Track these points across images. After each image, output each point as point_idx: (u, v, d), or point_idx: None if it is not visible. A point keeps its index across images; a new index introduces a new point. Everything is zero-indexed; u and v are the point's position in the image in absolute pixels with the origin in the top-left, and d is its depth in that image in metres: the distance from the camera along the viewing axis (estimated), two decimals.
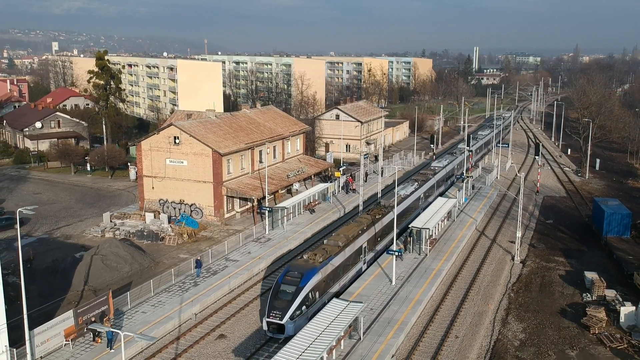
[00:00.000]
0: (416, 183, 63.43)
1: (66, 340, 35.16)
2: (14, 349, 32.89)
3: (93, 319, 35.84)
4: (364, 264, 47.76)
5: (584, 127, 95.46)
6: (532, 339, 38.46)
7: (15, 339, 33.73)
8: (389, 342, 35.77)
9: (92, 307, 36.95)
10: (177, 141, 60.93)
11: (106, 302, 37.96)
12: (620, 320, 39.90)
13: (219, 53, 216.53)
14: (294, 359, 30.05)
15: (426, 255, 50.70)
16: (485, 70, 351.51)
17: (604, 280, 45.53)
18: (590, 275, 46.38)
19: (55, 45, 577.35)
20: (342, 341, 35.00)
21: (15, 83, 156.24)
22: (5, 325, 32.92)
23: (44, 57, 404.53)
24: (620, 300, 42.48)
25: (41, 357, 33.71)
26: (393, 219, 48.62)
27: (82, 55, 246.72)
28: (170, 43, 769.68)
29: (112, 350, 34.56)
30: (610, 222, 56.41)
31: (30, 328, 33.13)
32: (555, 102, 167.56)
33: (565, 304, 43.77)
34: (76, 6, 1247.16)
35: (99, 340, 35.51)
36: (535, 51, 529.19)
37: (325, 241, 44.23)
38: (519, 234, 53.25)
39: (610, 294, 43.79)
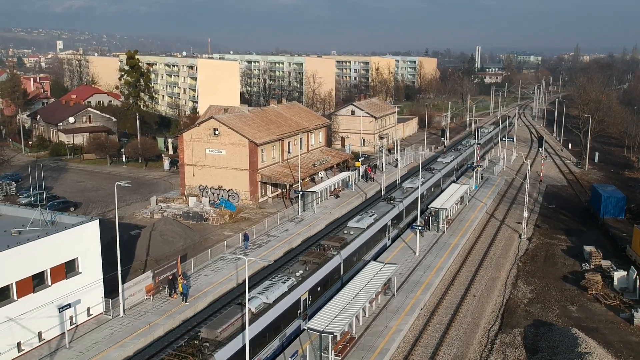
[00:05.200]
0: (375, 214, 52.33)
1: (147, 296, 41.81)
2: (109, 300, 39.62)
3: (170, 278, 42.49)
4: None
5: (583, 122, 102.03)
6: (539, 297, 45.11)
7: (105, 293, 40.47)
8: (418, 298, 42.45)
9: (165, 270, 43.61)
10: (216, 133, 67.47)
11: (175, 266, 44.60)
12: (614, 284, 46.46)
13: (231, 52, 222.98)
14: (343, 307, 36.51)
15: (443, 232, 57.40)
16: (487, 69, 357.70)
17: (601, 252, 52.12)
18: (588, 248, 52.97)
19: (59, 44, 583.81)
20: (379, 296, 41.67)
21: (38, 81, 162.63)
22: (102, 279, 39.75)
23: (50, 56, 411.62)
24: (615, 268, 49.00)
25: (129, 308, 40.31)
26: None
27: (96, 54, 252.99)
28: (172, 42, 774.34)
29: (187, 303, 41.25)
30: (607, 204, 63.03)
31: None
32: (556, 100, 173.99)
33: (567, 272, 50.37)
34: (77, 5, 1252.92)
35: (175, 296, 42.16)
36: (536, 50, 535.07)
37: None
38: (525, 215, 59.90)
39: (606, 263, 50.37)
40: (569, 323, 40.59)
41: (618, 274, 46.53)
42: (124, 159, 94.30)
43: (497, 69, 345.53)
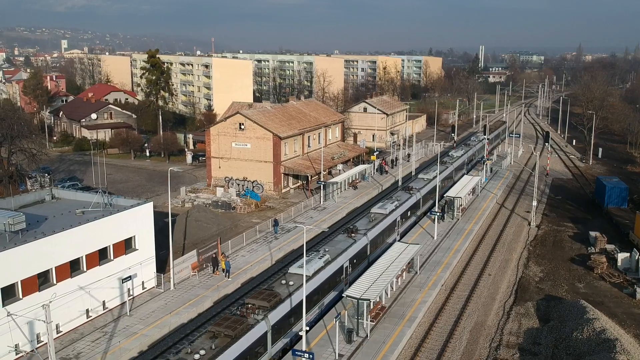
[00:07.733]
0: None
1: (192, 272, 45.92)
2: (161, 274, 43.76)
3: (214, 256, 46.64)
4: None
5: (588, 119, 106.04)
6: (549, 276, 49.17)
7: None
8: (439, 276, 46.54)
9: (207, 250, 47.76)
10: (242, 127, 71.56)
11: (215, 247, 48.70)
12: (618, 264, 50.46)
13: (241, 52, 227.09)
14: (374, 280, 40.52)
15: (458, 219, 61.49)
16: (490, 69, 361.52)
17: (605, 237, 56.10)
18: (594, 233, 56.97)
19: (64, 44, 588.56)
20: (404, 273, 45.74)
21: (54, 79, 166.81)
22: (154, 256, 43.87)
23: (55, 55, 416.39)
24: (618, 250, 52.96)
25: (177, 283, 44.41)
26: None
27: (107, 53, 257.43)
28: (175, 41, 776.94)
29: (230, 279, 45.36)
30: (610, 194, 67.07)
31: (165, 264, 43.96)
32: (560, 98, 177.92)
33: (574, 254, 54.40)
34: (79, 4, 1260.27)
35: (217, 273, 46.28)
36: (538, 50, 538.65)
37: None
38: (534, 203, 63.92)
39: (610, 246, 54.37)
40: (577, 297, 44.52)
41: (622, 256, 50.51)
42: (147, 154, 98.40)
43: (500, 69, 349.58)
